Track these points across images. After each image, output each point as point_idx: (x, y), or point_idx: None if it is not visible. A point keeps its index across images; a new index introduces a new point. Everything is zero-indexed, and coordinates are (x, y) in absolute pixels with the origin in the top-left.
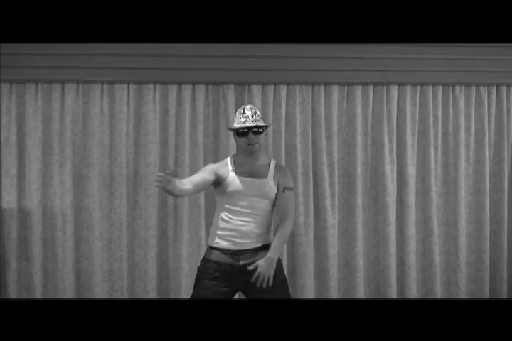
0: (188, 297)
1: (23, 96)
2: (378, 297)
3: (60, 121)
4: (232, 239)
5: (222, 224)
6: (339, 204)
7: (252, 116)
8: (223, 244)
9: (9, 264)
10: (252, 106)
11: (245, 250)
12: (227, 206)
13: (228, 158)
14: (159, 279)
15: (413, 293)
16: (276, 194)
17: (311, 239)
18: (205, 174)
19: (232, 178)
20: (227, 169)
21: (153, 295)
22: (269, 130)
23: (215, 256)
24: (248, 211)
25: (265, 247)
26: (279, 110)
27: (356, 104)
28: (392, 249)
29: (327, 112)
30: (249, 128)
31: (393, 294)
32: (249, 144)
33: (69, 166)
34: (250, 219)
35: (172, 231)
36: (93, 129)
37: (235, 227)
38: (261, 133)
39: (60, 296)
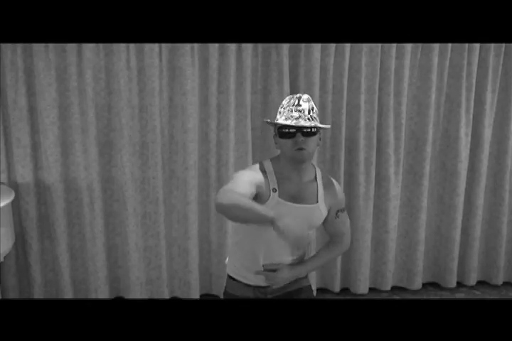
0: None
1: (30, 47)
2: (438, 269)
3: (78, 78)
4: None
5: (246, 258)
6: (403, 171)
7: (309, 112)
8: (249, 280)
9: (30, 245)
10: (309, 97)
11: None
12: (259, 236)
13: (267, 166)
14: (201, 256)
15: (474, 264)
16: (326, 218)
17: (370, 211)
18: (250, 188)
19: (275, 202)
20: (268, 186)
21: (195, 274)
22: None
23: (238, 289)
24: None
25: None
26: (342, 62)
27: (432, 56)
28: (458, 219)
29: (397, 64)
30: (299, 128)
31: (454, 267)
32: (297, 149)
33: (92, 132)
34: (289, 256)
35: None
36: (119, 87)
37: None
38: (315, 134)
39: (91, 277)
